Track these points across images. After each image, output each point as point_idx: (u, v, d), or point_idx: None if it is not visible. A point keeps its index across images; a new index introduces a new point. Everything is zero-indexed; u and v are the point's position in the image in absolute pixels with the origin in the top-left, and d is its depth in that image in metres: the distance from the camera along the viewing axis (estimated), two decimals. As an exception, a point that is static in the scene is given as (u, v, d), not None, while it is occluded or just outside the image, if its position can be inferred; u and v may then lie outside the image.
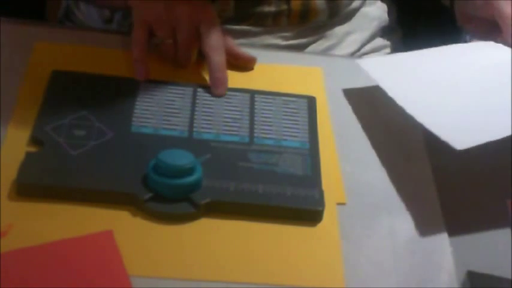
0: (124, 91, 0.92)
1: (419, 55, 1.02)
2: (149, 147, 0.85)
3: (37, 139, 0.85)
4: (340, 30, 1.16)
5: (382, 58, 1.14)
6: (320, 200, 0.82)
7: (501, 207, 0.87)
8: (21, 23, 1.03)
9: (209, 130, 0.89)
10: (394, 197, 0.86)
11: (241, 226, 0.81)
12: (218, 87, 0.94)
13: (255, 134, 0.89)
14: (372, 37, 1.19)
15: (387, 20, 1.22)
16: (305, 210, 0.82)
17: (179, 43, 0.96)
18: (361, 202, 0.85)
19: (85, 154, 0.83)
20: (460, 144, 0.83)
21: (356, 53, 1.17)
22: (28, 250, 0.74)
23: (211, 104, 0.93)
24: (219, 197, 0.81)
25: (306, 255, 0.79)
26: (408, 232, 0.83)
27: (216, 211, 0.81)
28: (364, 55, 1.18)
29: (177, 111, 0.91)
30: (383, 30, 1.21)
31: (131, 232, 0.78)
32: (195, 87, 0.95)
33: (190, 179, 0.80)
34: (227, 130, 0.89)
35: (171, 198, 0.80)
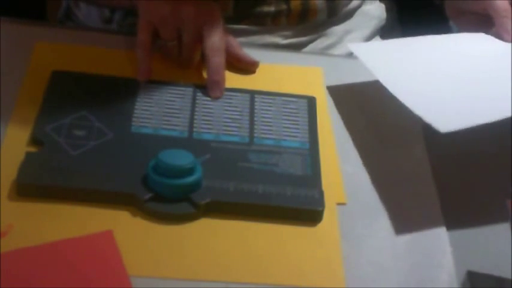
0: (124, 91, 0.92)
1: (411, 42, 1.02)
2: (149, 147, 0.85)
3: (37, 139, 0.85)
4: (339, 28, 1.16)
5: (373, 43, 1.14)
6: (320, 200, 0.82)
7: (501, 207, 0.87)
8: (21, 23, 1.03)
9: (209, 130, 0.89)
10: (394, 197, 0.86)
11: (241, 226, 0.81)
12: (214, 89, 0.94)
13: (255, 134, 0.89)
14: (372, 36, 1.19)
15: (386, 19, 1.22)
16: (305, 210, 0.82)
17: (184, 44, 0.96)
18: (361, 202, 0.85)
19: (85, 154, 0.83)
20: (444, 126, 0.82)
21: (356, 52, 1.17)
22: (28, 250, 0.74)
23: (211, 104, 0.93)
24: (219, 197, 0.81)
25: (306, 255, 0.79)
26: (408, 232, 0.83)
27: (216, 211, 0.81)
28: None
29: (177, 111, 0.91)
30: (382, 29, 1.21)
31: (131, 232, 0.78)
32: (195, 87, 0.95)
33: (190, 179, 0.80)
34: (227, 130, 0.89)
35: (171, 198, 0.80)
